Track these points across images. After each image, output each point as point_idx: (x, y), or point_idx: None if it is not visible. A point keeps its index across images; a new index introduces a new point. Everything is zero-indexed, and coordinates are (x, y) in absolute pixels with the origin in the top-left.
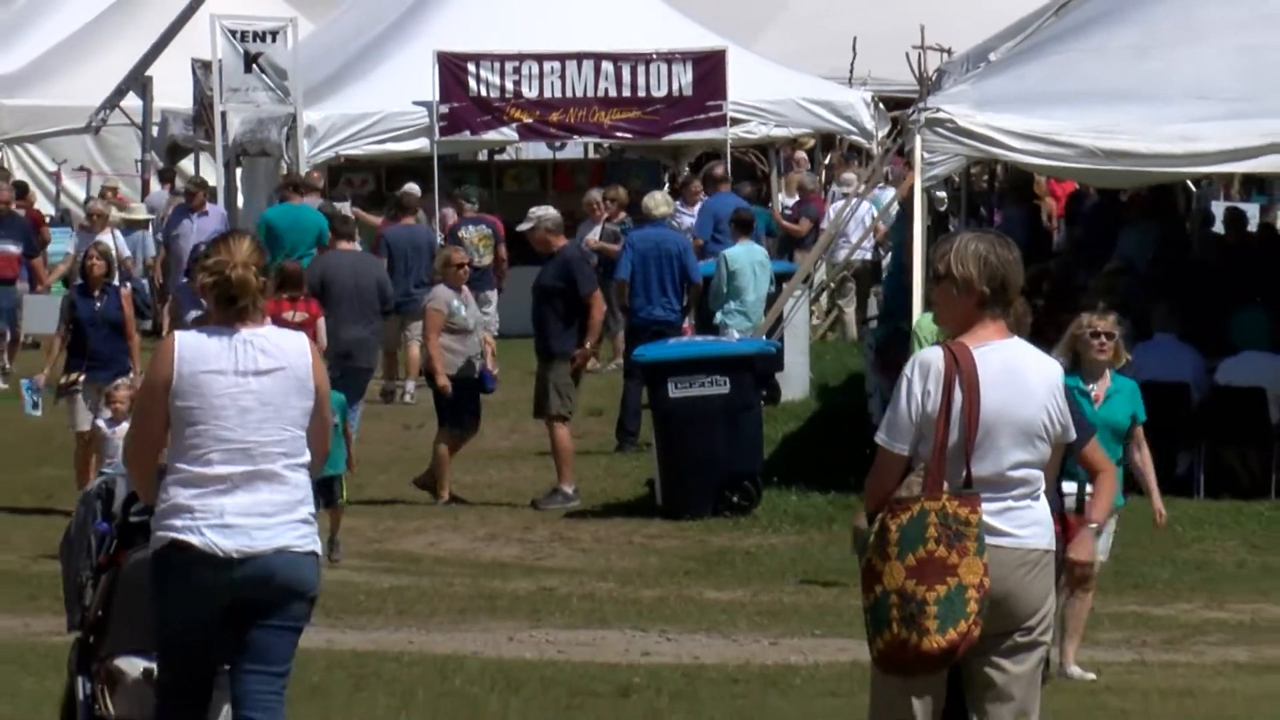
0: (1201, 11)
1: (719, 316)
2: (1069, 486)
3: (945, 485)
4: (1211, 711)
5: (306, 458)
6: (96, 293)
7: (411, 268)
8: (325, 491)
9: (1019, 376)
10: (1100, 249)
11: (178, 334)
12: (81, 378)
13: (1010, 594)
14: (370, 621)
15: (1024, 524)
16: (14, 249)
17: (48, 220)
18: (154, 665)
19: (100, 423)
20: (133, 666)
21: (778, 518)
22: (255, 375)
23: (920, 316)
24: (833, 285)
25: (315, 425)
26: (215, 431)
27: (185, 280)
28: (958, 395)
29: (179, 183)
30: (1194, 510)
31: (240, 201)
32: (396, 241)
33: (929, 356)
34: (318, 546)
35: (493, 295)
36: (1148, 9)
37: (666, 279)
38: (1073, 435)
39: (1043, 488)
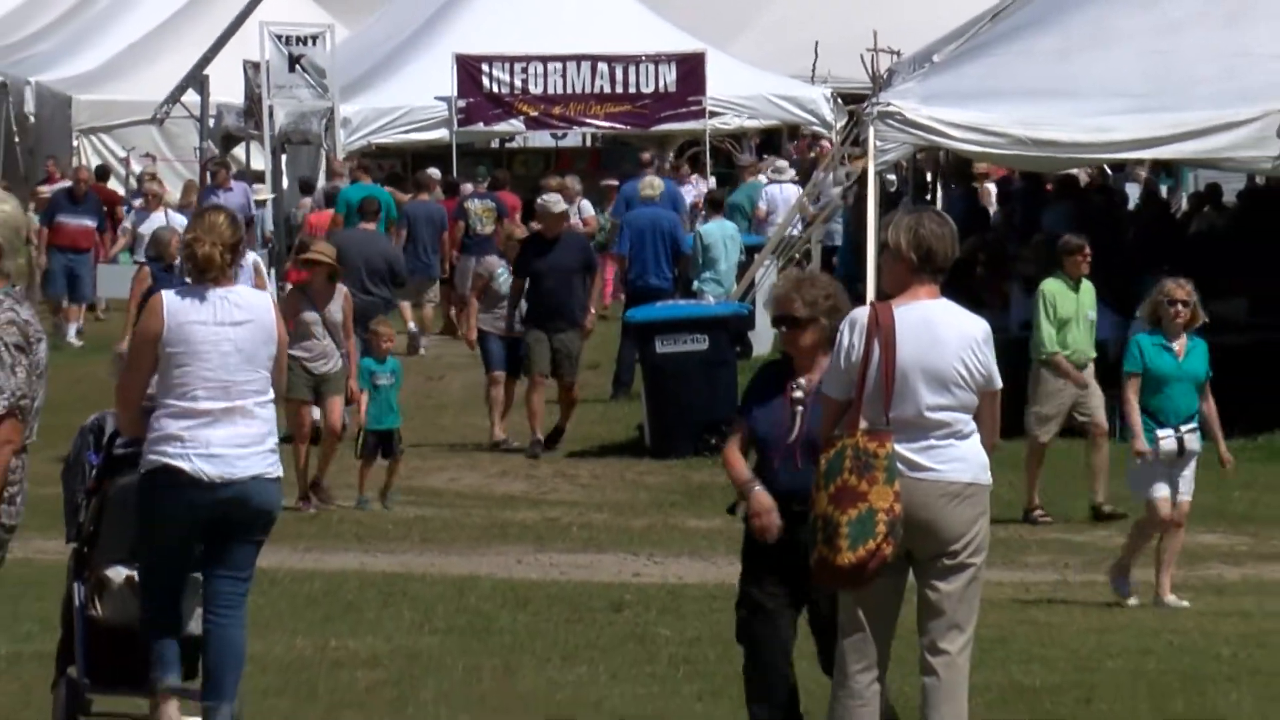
0: (1114, 20)
1: (696, 284)
2: (1188, 425)
3: (864, 424)
4: (1125, 623)
5: (271, 395)
6: (175, 267)
7: (425, 236)
8: (386, 443)
9: (934, 331)
10: (1028, 225)
11: (164, 293)
12: None
13: (934, 521)
14: (397, 547)
15: (945, 460)
16: (90, 223)
17: (124, 200)
18: (135, 573)
19: None
20: (118, 574)
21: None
22: (232, 325)
23: (1046, 281)
24: (797, 256)
25: (275, 366)
26: (199, 372)
27: None
28: (876, 347)
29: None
30: (1110, 449)
31: (285, 183)
32: (415, 214)
33: (857, 315)
34: (281, 472)
35: (498, 261)
36: (1068, 18)
37: (661, 251)
38: (997, 384)
39: (968, 429)
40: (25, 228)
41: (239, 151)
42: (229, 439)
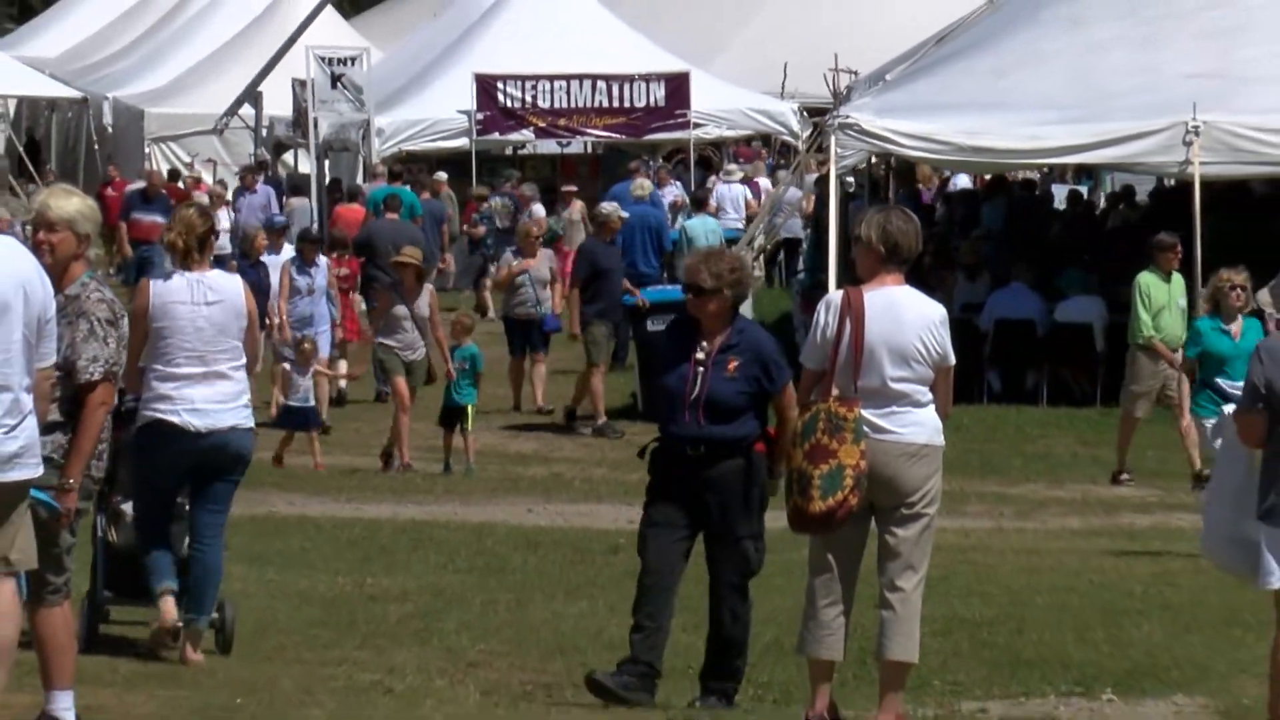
0: (1044, 43)
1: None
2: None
3: (836, 391)
4: (1052, 565)
5: (244, 361)
6: (258, 264)
7: (429, 229)
8: (460, 420)
9: (898, 313)
10: (967, 222)
11: (151, 279)
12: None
13: (894, 477)
14: (424, 498)
15: (905, 424)
16: (161, 219)
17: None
18: None
19: (286, 366)
20: (130, 507)
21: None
22: (206, 305)
23: (1141, 274)
24: (768, 247)
25: (248, 337)
26: (180, 343)
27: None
28: (848, 326)
29: (281, 170)
30: (1039, 415)
31: (329, 182)
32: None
33: (832, 297)
34: (252, 424)
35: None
36: (1003, 40)
37: (649, 244)
38: (951, 361)
39: (925, 399)
40: (99, 221)
41: (288, 157)
42: (208, 397)
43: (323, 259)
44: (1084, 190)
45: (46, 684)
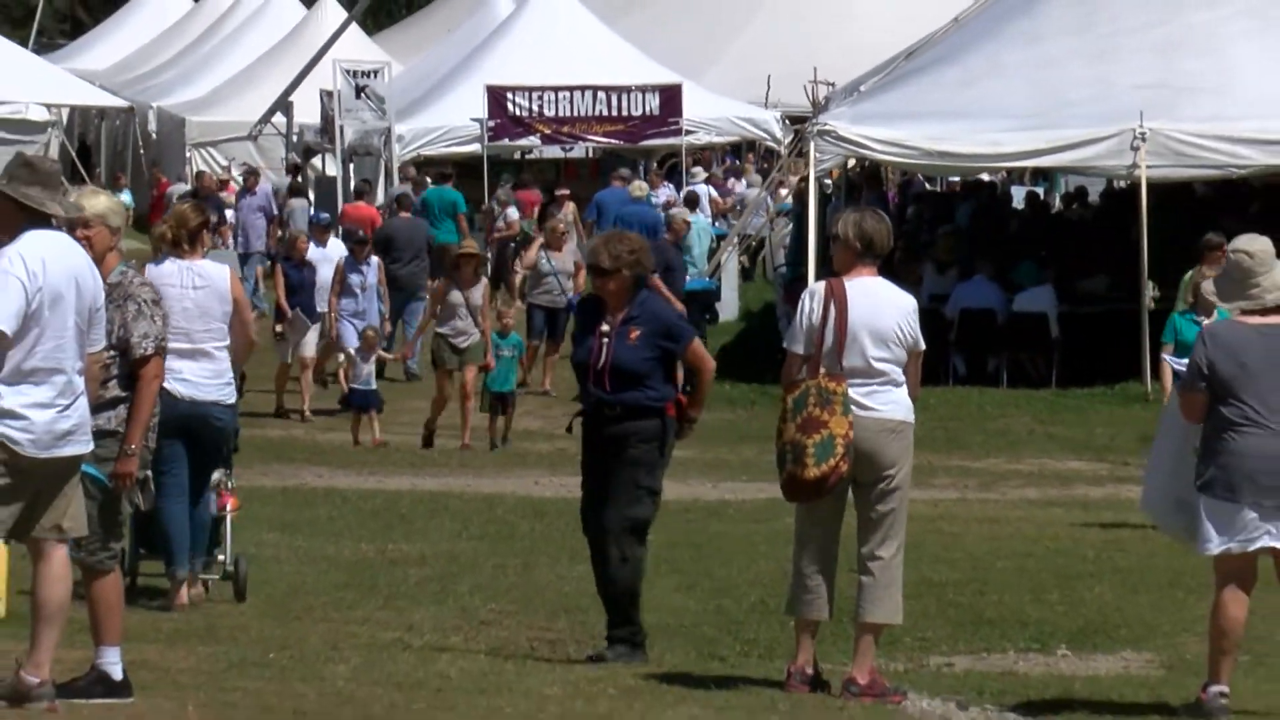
0: (1004, 57)
1: None
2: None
3: (823, 370)
4: (1012, 532)
5: (227, 342)
6: (303, 264)
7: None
8: (504, 401)
9: (876, 299)
10: (935, 220)
11: (149, 265)
12: (285, 325)
13: (875, 450)
14: (440, 470)
15: (884, 402)
16: (211, 218)
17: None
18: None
19: (352, 352)
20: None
21: (717, 401)
22: (194, 289)
23: (1190, 273)
24: (754, 244)
25: (235, 321)
26: (172, 321)
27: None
28: (833, 311)
29: (310, 173)
30: (999, 396)
31: (353, 185)
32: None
33: (815, 287)
34: (234, 400)
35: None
36: (967, 55)
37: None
38: (921, 347)
39: (900, 379)
40: (126, 214)
41: (316, 161)
42: (195, 371)
43: (374, 258)
44: (1040, 191)
45: (96, 640)
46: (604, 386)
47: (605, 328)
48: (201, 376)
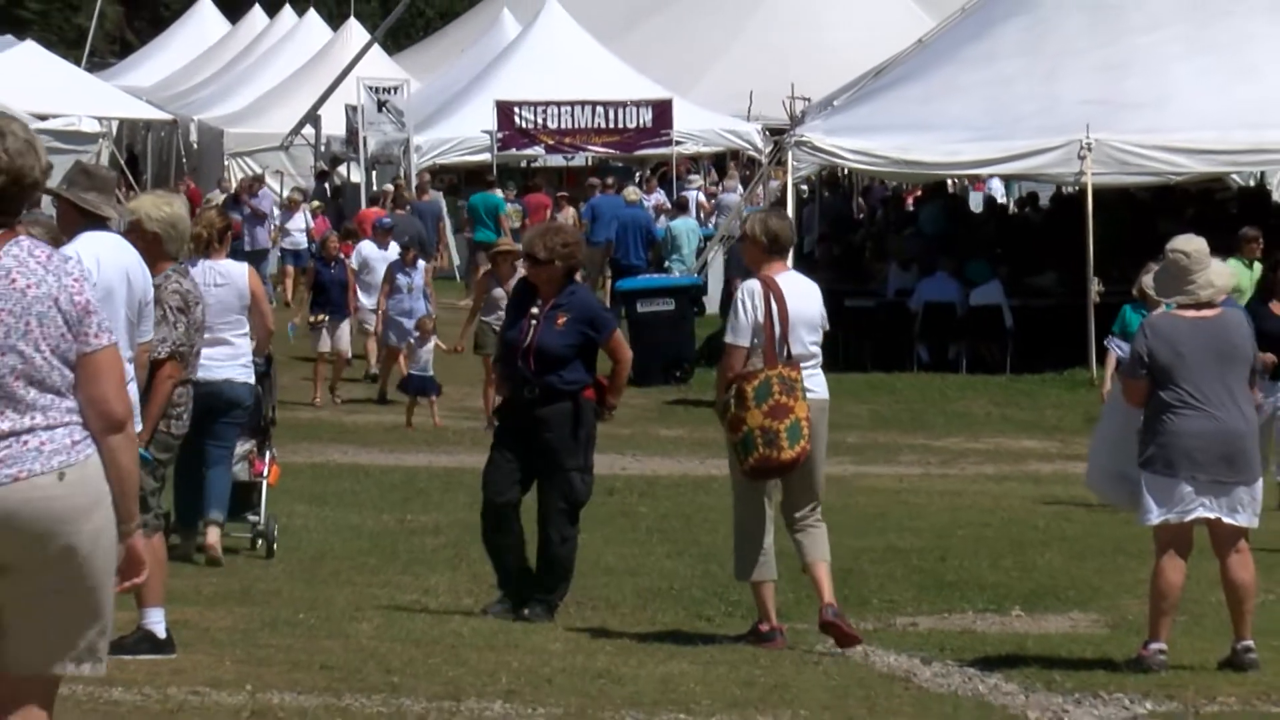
0: (962, 76)
1: (666, 263)
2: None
3: (777, 360)
4: (970, 504)
5: (246, 330)
6: (333, 263)
7: (429, 228)
8: None
9: (801, 290)
10: (900, 222)
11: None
12: (325, 318)
13: (814, 427)
14: (455, 449)
15: (818, 384)
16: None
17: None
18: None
19: (412, 340)
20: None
21: (703, 385)
22: (215, 287)
23: (1229, 261)
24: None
25: (254, 312)
26: None
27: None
28: (774, 305)
29: (337, 179)
30: (959, 381)
31: (375, 187)
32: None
33: (752, 285)
34: (250, 378)
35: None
36: (929, 73)
37: (639, 240)
38: (826, 327)
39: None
40: (183, 223)
41: (342, 169)
42: (212, 355)
43: (421, 262)
44: (996, 196)
45: (140, 602)
46: (529, 366)
47: (535, 311)
48: (218, 359)
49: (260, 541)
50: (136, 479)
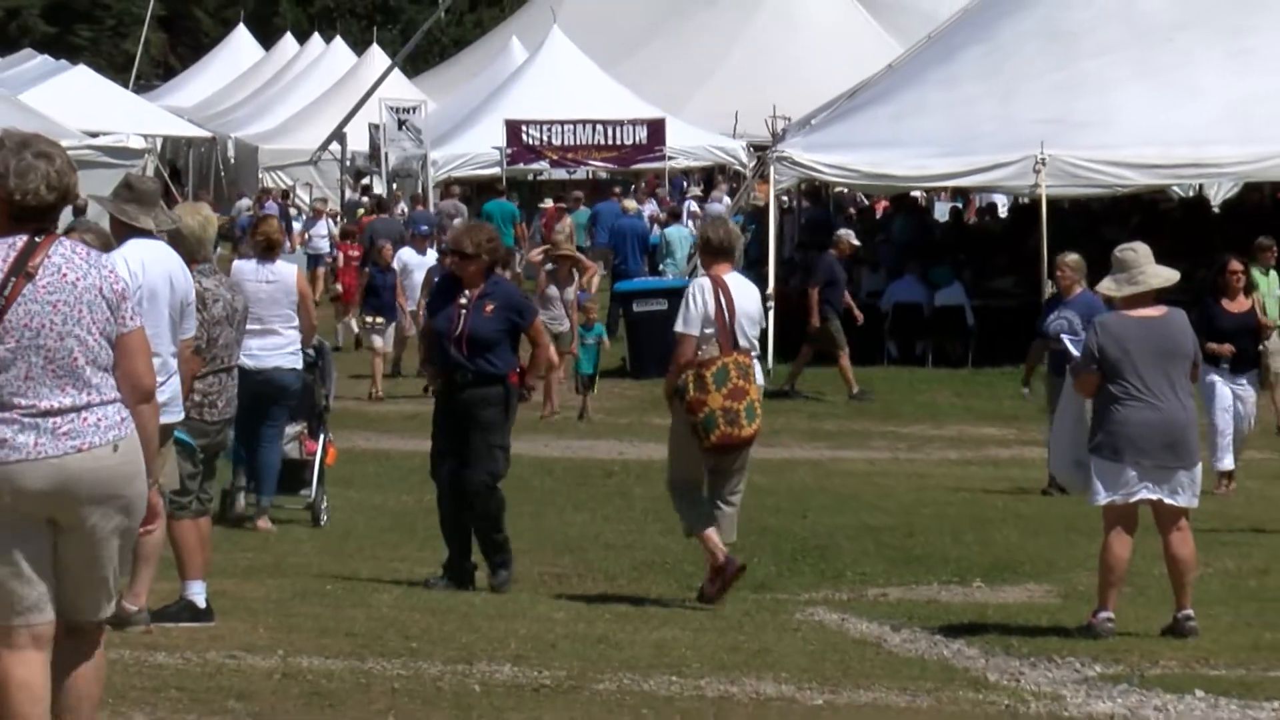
0: (928, 96)
1: (661, 266)
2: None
3: (731, 348)
4: (935, 485)
5: (295, 322)
6: (386, 269)
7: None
8: (589, 382)
9: (744, 290)
10: (872, 231)
11: (236, 262)
12: (381, 320)
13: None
14: None
15: (759, 374)
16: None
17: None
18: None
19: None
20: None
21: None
22: (266, 284)
23: (1252, 270)
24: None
25: (301, 308)
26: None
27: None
28: (723, 300)
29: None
30: (925, 374)
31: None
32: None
33: (703, 282)
34: (299, 365)
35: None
36: (898, 95)
37: (636, 247)
38: (764, 324)
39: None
40: (208, 229)
41: (365, 181)
42: (263, 345)
43: (430, 254)
44: (959, 206)
45: (181, 575)
46: (462, 351)
47: (464, 301)
48: (267, 349)
49: (312, 514)
50: (158, 439)
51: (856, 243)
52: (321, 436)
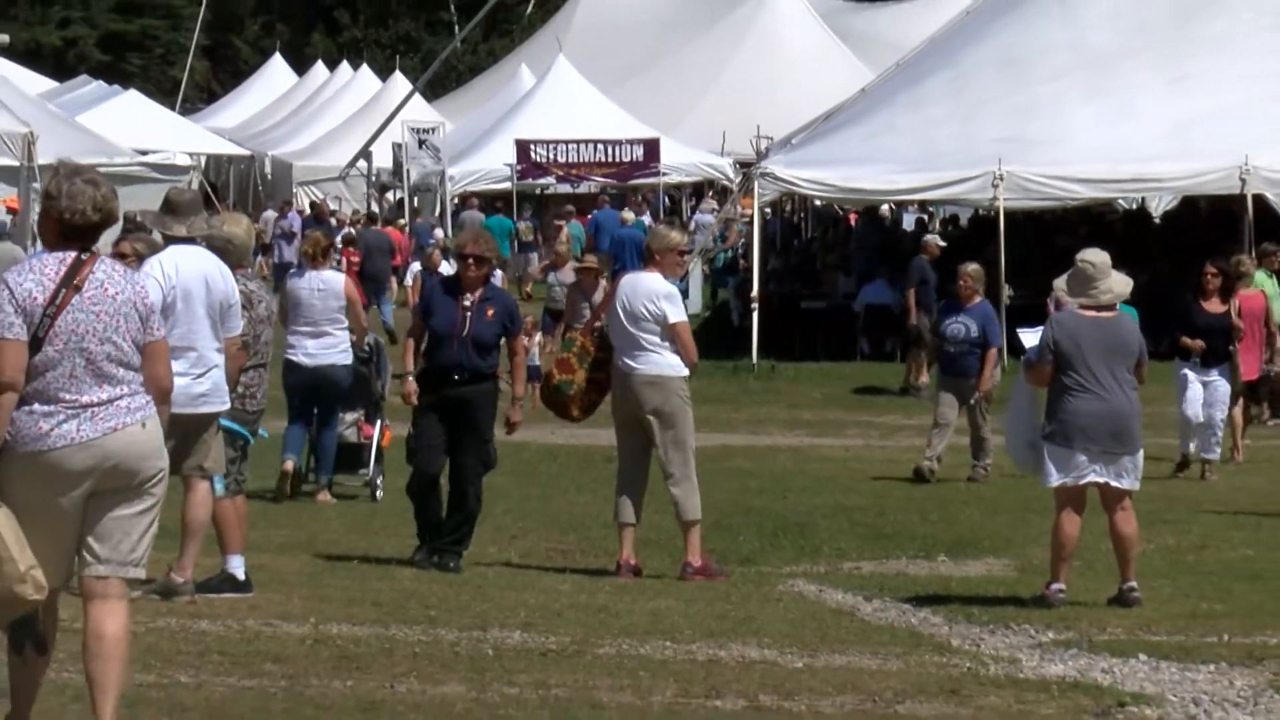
0: (896, 118)
1: None
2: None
3: (590, 332)
4: (907, 469)
5: (345, 324)
6: (434, 273)
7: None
8: None
9: (636, 289)
10: (839, 241)
11: (291, 274)
12: None
13: (637, 397)
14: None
15: (643, 362)
16: (335, 241)
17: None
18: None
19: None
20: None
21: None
22: (317, 291)
23: (1257, 274)
24: (711, 257)
25: (350, 313)
26: (300, 312)
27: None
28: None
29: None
30: (896, 369)
31: (419, 216)
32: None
33: (623, 281)
34: (349, 360)
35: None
36: (870, 118)
37: (635, 254)
38: (671, 321)
39: (661, 346)
40: (242, 237)
41: (389, 195)
42: (314, 345)
43: (499, 272)
44: (925, 218)
45: (223, 550)
46: (465, 351)
47: (467, 303)
48: (319, 348)
49: (370, 490)
50: (167, 427)
51: (943, 244)
52: (378, 422)
